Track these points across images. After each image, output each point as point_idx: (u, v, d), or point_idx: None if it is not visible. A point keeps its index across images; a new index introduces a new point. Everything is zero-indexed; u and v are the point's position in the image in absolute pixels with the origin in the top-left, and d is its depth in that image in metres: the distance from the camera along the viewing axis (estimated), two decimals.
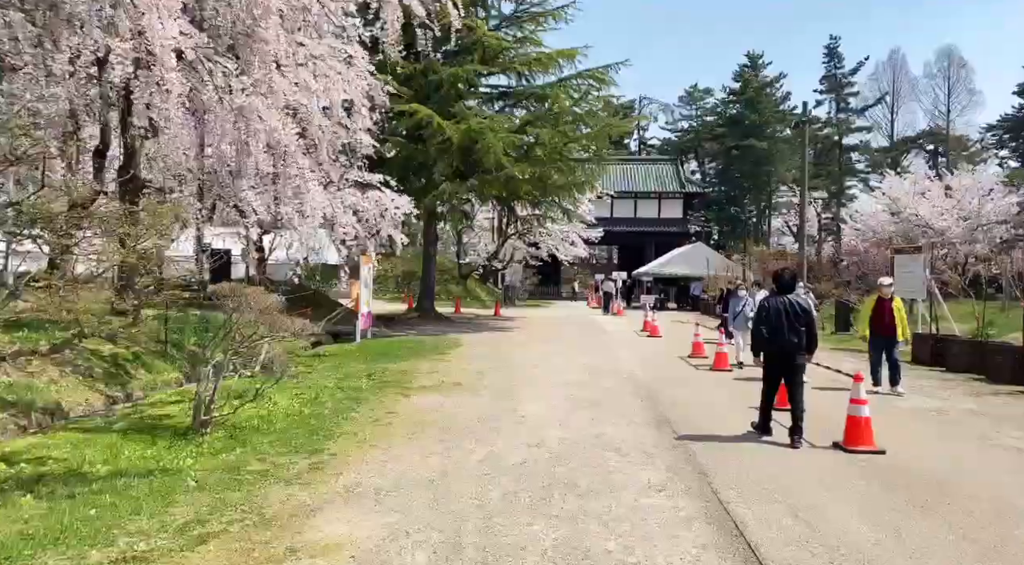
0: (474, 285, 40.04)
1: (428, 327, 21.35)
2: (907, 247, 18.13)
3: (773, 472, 5.93)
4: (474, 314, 28.56)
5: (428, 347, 15.72)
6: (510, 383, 10.63)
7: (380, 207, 13.92)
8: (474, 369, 12.11)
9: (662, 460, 6.28)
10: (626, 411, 8.60)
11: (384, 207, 13.98)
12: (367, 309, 18.38)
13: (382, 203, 14.07)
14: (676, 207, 50.81)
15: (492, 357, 13.93)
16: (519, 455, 6.38)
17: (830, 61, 54.59)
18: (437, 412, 8.34)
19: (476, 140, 18.74)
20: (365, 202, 13.75)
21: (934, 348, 13.84)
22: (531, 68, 21.96)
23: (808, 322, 7.12)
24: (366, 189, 14.02)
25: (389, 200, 14.23)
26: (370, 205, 13.81)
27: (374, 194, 13.99)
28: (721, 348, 12.68)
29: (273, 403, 8.81)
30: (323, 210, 11.68)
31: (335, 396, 9.32)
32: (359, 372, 11.61)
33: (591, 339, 18.68)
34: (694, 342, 14.67)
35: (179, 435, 7.26)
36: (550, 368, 12.37)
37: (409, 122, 19.36)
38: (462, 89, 20.44)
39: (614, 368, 12.61)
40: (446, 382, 10.62)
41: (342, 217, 12.90)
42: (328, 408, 8.50)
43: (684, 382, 11.15)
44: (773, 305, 7.17)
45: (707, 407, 8.91)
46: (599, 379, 11.23)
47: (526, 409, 8.63)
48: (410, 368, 12.16)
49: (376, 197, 13.84)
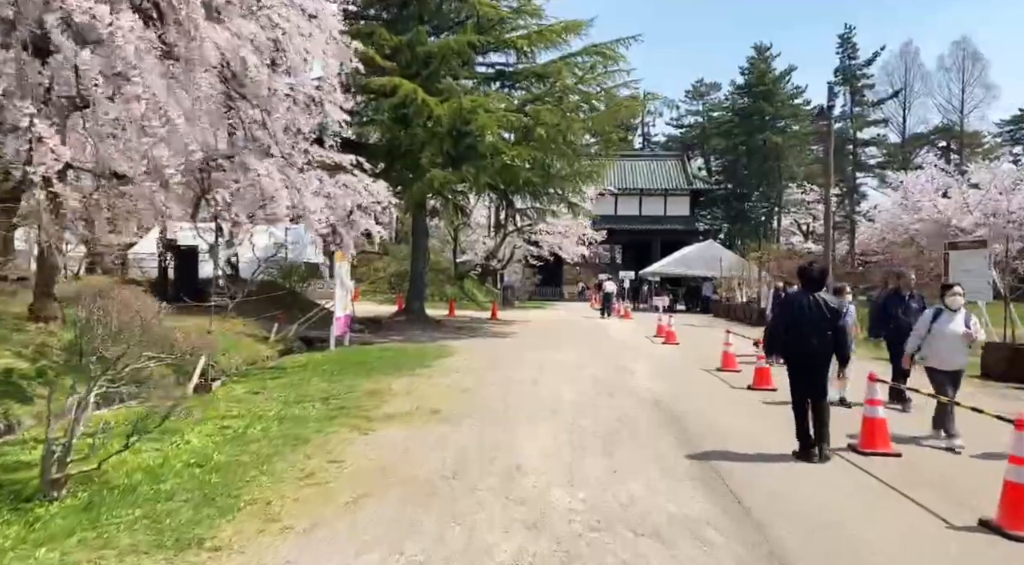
0: (471, 285, 37.76)
1: (416, 332, 19.07)
2: (965, 241, 15.82)
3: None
4: (469, 317, 26.26)
5: (410, 357, 13.45)
6: (502, 408, 8.37)
7: (351, 192, 11.62)
8: (459, 387, 9.84)
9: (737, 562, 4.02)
10: (657, 452, 6.34)
11: (357, 191, 11.68)
12: (344, 312, 16.13)
13: (354, 188, 11.77)
14: (683, 204, 48.60)
15: (483, 370, 11.66)
16: (508, 550, 4.12)
17: (844, 52, 52.20)
18: (400, 459, 6.09)
19: (468, 120, 16.47)
20: (334, 187, 11.46)
21: (1012, 360, 11.57)
22: (532, 44, 19.67)
23: (837, 325, 6.38)
24: (335, 172, 11.76)
25: (362, 185, 11.94)
26: (339, 190, 11.53)
27: (344, 177, 11.71)
28: (761, 361, 10.37)
29: (183, 442, 6.57)
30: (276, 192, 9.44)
31: (270, 431, 7.06)
32: (316, 393, 9.35)
33: (598, 346, 16.40)
34: (724, 352, 12.38)
35: (23, 498, 5.02)
36: (552, 385, 10.10)
37: (392, 101, 17.08)
38: (455, 65, 18.16)
39: (630, 384, 10.34)
40: (422, 408, 8.35)
41: (310, 202, 10.63)
42: (251, 452, 6.23)
43: (722, 405, 8.87)
44: (797, 301, 6.51)
45: (765, 444, 6.65)
46: (613, 400, 8.98)
47: (521, 450, 6.38)
48: (382, 387, 9.89)
49: (346, 181, 11.54)
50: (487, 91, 17.57)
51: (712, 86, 65.75)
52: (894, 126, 56.01)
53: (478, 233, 39.60)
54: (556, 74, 18.30)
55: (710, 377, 11.42)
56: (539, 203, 21.94)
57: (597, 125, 18.65)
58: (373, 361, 12.81)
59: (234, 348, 13.74)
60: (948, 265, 14.61)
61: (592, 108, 19.42)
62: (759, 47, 57.20)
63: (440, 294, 33.50)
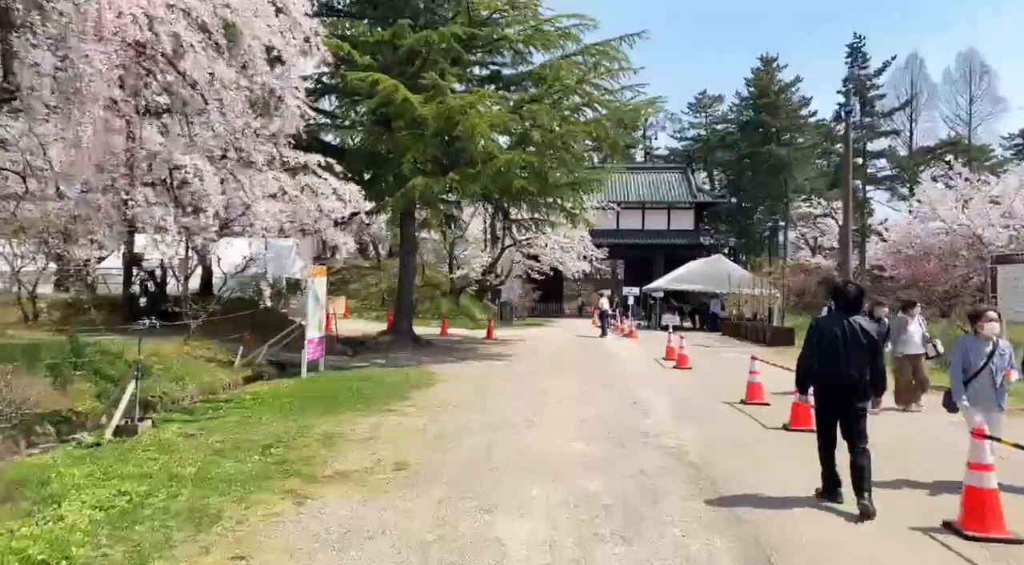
0: (468, 302, 36.06)
1: (402, 354, 17.35)
2: (1016, 254, 14.15)
3: None
4: (463, 336, 24.54)
5: (388, 387, 11.74)
6: (485, 465, 6.63)
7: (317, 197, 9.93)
8: (436, 432, 8.12)
9: None
10: (694, 544, 4.62)
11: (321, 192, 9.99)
12: (318, 334, 14.43)
13: (321, 191, 10.10)
14: (687, 218, 46.96)
15: (468, 407, 9.93)
16: None
17: (853, 61, 50.87)
18: (334, 559, 4.37)
19: (457, 122, 14.87)
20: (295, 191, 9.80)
21: None
22: (528, 42, 18.13)
23: (875, 351, 5.53)
24: (296, 173, 10.11)
25: (330, 188, 10.27)
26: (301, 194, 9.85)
27: (308, 179, 10.03)
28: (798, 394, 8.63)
29: (53, 519, 4.87)
30: (211, 194, 7.82)
31: (177, 500, 5.34)
32: (261, 437, 7.64)
33: (603, 372, 14.67)
34: (750, 382, 10.65)
35: None
36: (550, 430, 8.37)
37: (372, 102, 15.50)
38: (443, 65, 16.56)
39: (645, 427, 8.61)
40: (384, 462, 6.63)
41: (259, 206, 9.02)
42: (132, 541, 4.50)
43: (763, 457, 7.15)
44: (828, 328, 5.61)
45: (836, 524, 4.95)
46: (626, 450, 7.26)
47: (507, 536, 4.66)
48: (343, 429, 8.18)
49: (308, 183, 9.86)
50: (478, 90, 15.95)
51: (715, 98, 64.42)
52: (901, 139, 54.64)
53: (475, 247, 37.95)
54: (555, 73, 16.73)
55: (736, 415, 9.67)
56: (537, 213, 20.29)
57: (599, 129, 17.03)
58: (343, 392, 11.10)
59: (191, 375, 12.04)
60: (996, 281, 12.96)
61: (594, 111, 17.84)
62: (764, 58, 55.96)
63: (435, 311, 31.84)
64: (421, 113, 14.62)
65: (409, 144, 15.58)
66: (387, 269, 36.49)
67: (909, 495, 5.89)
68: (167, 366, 11.84)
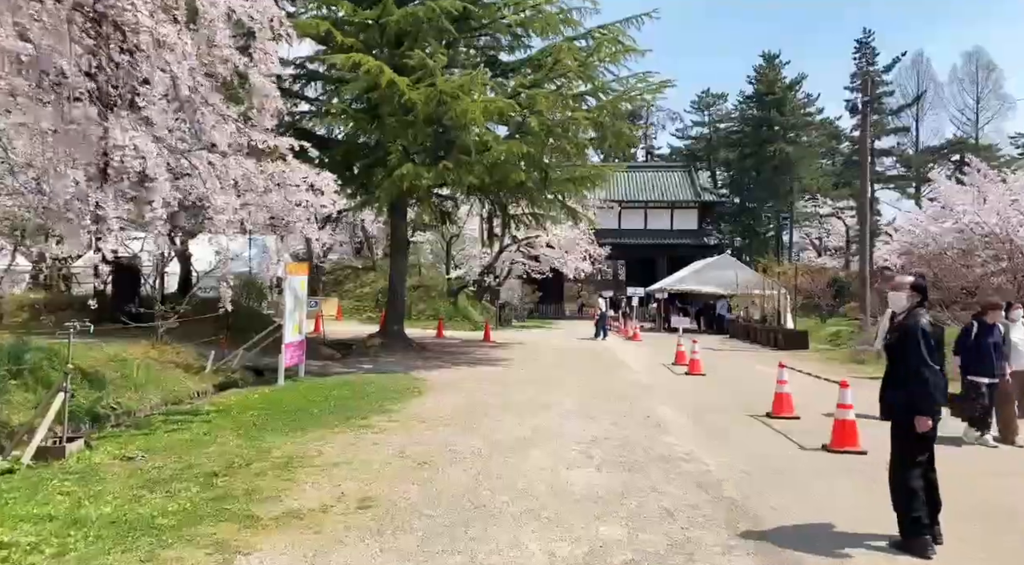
0: (466, 303, 34.78)
1: (391, 359, 16.10)
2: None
3: None
4: (459, 339, 23.26)
5: (370, 397, 10.49)
6: (470, 504, 5.35)
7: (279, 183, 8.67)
8: (416, 455, 6.85)
9: None
10: None
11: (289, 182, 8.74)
12: (298, 337, 13.19)
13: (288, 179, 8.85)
14: (690, 218, 45.80)
15: (458, 422, 8.67)
16: None
17: (861, 57, 49.60)
18: None
19: (448, 107, 13.62)
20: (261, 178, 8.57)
21: None
22: (527, 26, 16.91)
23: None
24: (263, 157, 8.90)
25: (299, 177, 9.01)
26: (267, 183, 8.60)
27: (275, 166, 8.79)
28: (847, 411, 7.35)
29: None
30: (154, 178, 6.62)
31: (58, 561, 4.10)
32: (209, 462, 6.39)
33: (610, 380, 13.40)
34: (778, 393, 9.39)
35: None
36: (551, 455, 7.08)
37: (356, 86, 14.25)
38: (434, 46, 15.31)
39: (663, 447, 7.35)
40: (347, 498, 5.38)
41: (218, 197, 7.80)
42: None
43: (811, 487, 5.89)
44: (937, 332, 4.59)
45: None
46: (646, 480, 6.00)
47: None
48: (308, 450, 6.93)
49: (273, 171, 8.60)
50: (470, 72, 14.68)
51: (719, 97, 63.07)
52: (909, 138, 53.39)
53: (474, 247, 36.70)
54: (555, 56, 15.48)
55: (767, 432, 8.40)
56: (536, 208, 19.03)
57: (602, 116, 15.76)
58: (319, 403, 9.86)
59: (154, 383, 10.80)
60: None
61: (597, 99, 16.60)
62: (768, 55, 54.63)
63: (432, 312, 30.60)
64: (410, 97, 13.37)
65: (398, 132, 14.35)
66: (382, 269, 35.24)
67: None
68: (127, 373, 10.62)
